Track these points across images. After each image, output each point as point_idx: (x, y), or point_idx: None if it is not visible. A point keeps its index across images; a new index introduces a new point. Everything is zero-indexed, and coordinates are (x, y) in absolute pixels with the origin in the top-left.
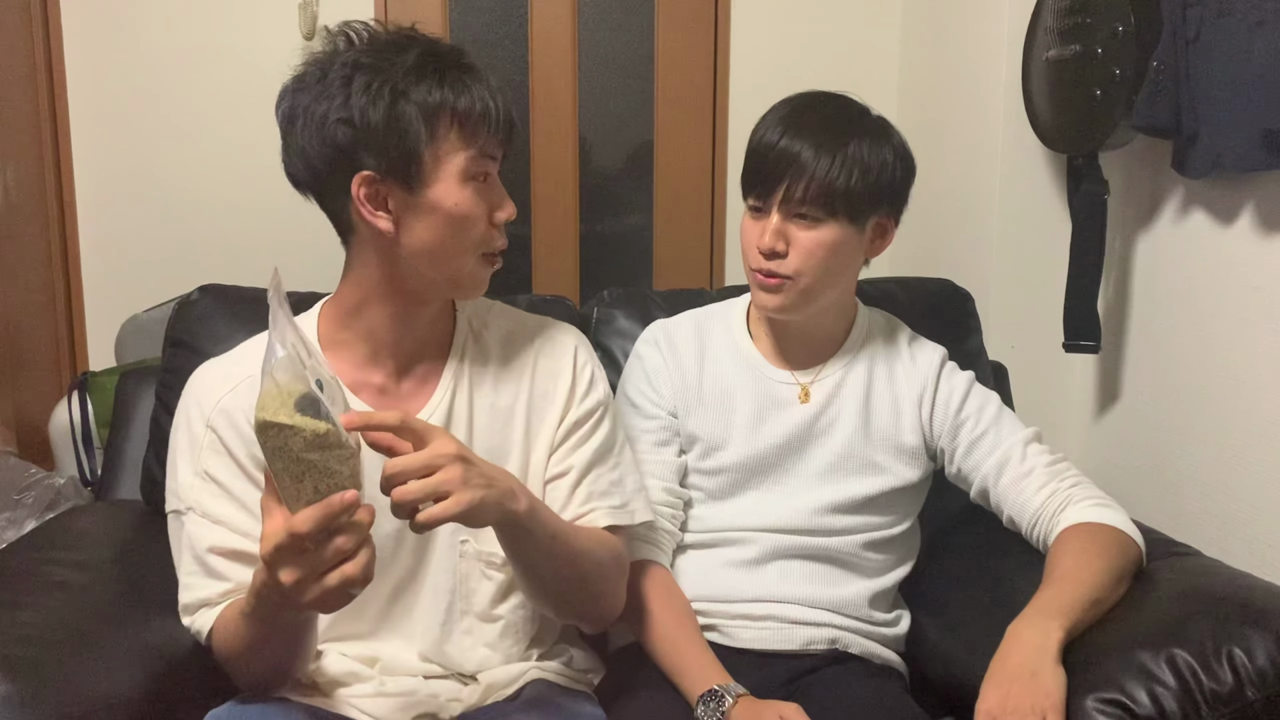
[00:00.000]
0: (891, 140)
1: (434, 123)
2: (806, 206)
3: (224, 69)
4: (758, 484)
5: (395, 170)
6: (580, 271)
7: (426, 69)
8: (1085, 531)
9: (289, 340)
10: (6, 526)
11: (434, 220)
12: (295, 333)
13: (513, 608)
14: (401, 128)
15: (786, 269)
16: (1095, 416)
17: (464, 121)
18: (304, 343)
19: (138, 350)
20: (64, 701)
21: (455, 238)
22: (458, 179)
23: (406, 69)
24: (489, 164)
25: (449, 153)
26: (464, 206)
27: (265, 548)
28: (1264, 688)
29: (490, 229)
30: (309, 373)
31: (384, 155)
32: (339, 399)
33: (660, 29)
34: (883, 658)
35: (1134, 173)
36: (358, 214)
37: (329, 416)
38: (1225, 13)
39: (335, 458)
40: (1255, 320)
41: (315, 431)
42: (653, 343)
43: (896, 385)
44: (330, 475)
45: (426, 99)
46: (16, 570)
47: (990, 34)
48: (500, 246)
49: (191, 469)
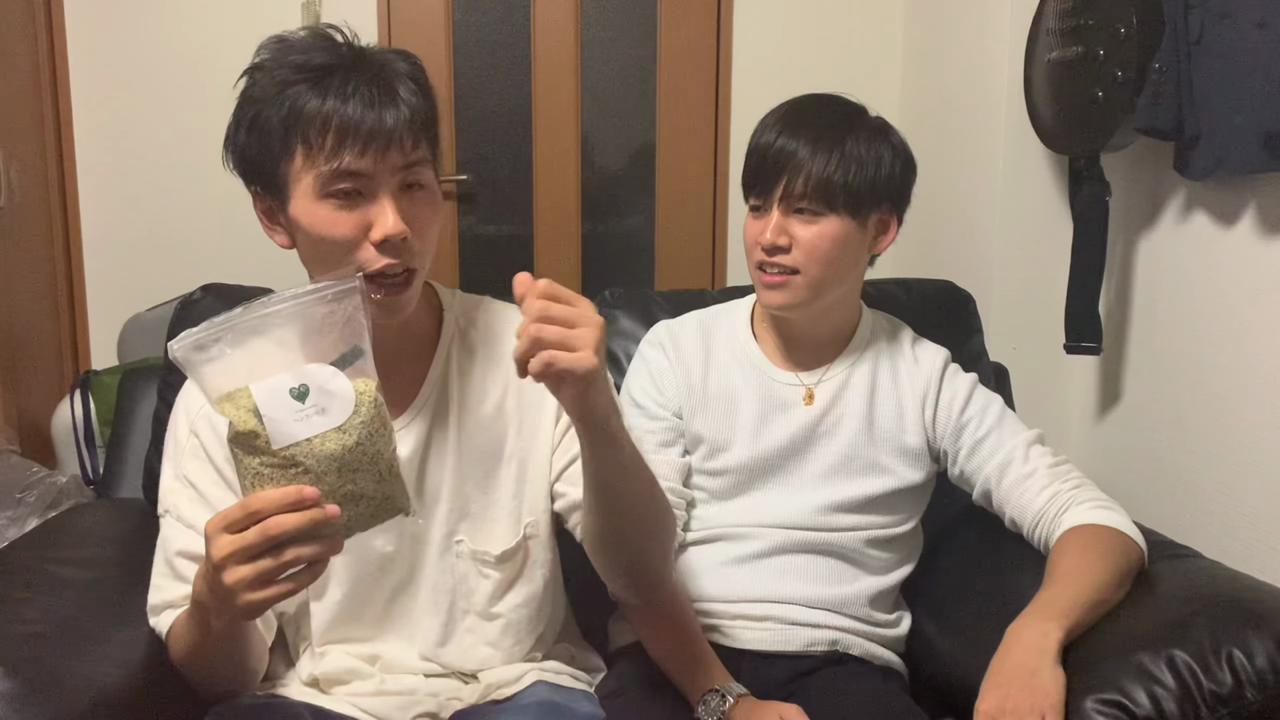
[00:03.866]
0: (889, 138)
1: (288, 137)
2: (806, 201)
3: (227, 67)
4: (762, 484)
5: (266, 185)
6: (582, 271)
7: (300, 83)
8: (1087, 533)
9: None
10: (9, 525)
11: (303, 238)
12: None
13: (513, 606)
14: (259, 139)
15: (790, 263)
16: (1096, 418)
17: (310, 134)
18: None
19: (140, 349)
20: (66, 699)
21: (319, 259)
22: (312, 196)
23: (280, 82)
24: (351, 180)
25: (301, 169)
26: (319, 226)
27: (212, 523)
28: (1263, 689)
29: (362, 248)
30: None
31: (253, 170)
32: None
33: (662, 30)
34: (883, 659)
35: (1136, 174)
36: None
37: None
38: (1227, 15)
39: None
40: (1257, 322)
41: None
42: (657, 344)
43: (900, 387)
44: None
45: (287, 112)
46: (19, 568)
47: (992, 35)
48: (379, 267)
49: (173, 473)
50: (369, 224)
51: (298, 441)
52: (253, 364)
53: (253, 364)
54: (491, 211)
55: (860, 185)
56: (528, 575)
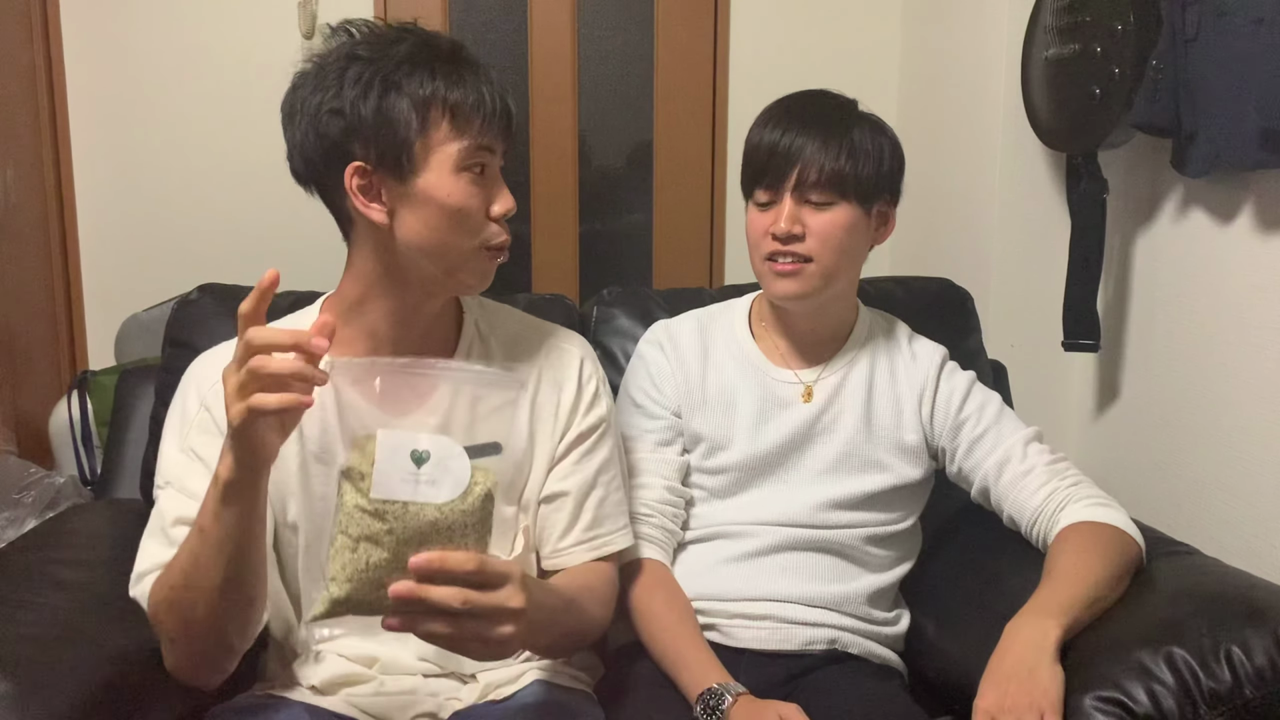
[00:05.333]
0: (885, 130)
1: (425, 113)
2: (819, 191)
3: (224, 67)
4: (760, 482)
5: (386, 161)
6: (580, 270)
7: (419, 60)
8: (1085, 530)
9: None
10: (6, 525)
11: (427, 212)
12: None
13: None
14: (392, 118)
15: (804, 251)
16: (1094, 415)
17: (456, 112)
18: None
19: (137, 349)
20: (63, 699)
21: (450, 230)
22: (450, 170)
23: (399, 60)
24: (485, 156)
25: (440, 143)
26: (456, 197)
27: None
28: (1262, 686)
29: (487, 222)
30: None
31: (375, 145)
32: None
33: (660, 27)
34: (881, 657)
35: (1133, 171)
36: (353, 206)
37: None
38: (1224, 12)
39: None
40: (1255, 318)
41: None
42: (656, 343)
43: (898, 384)
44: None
45: (418, 90)
46: (16, 569)
47: (990, 33)
48: (500, 241)
49: (178, 446)
50: (493, 201)
51: (394, 500)
52: (395, 411)
53: (395, 411)
54: None
55: (867, 175)
56: None
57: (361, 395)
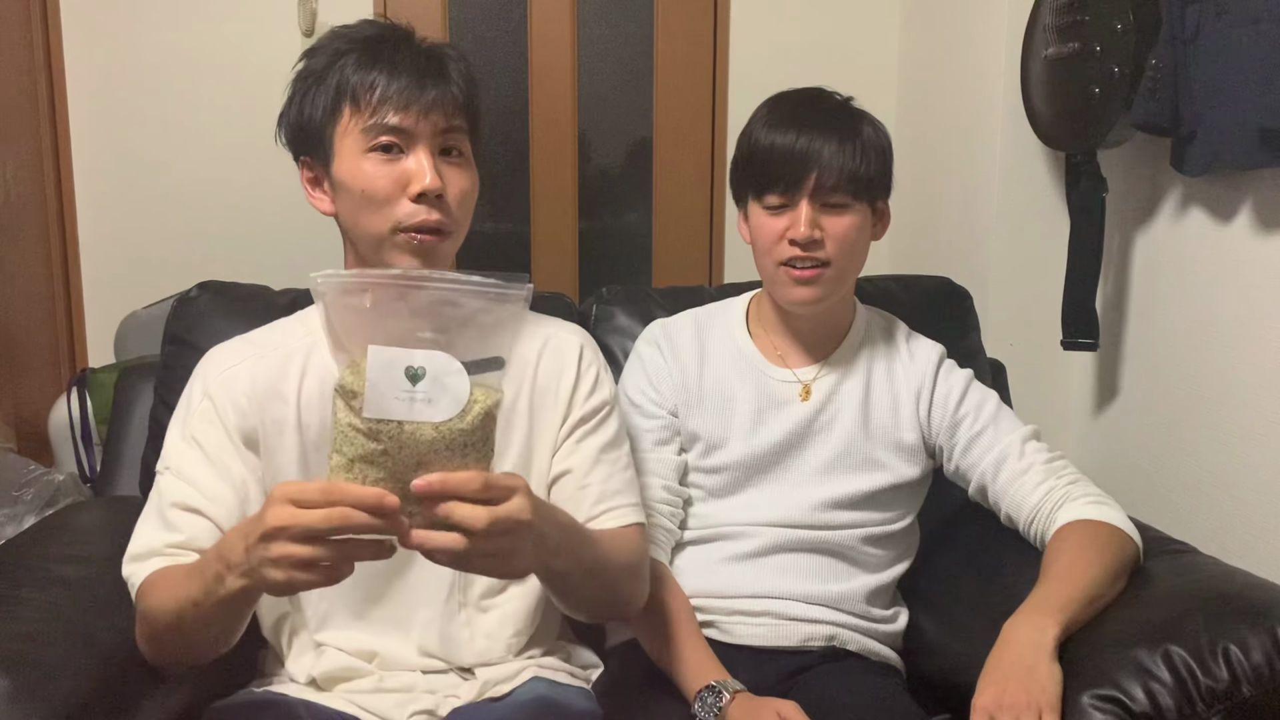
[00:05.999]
0: (880, 125)
1: (335, 100)
2: (838, 195)
3: (224, 65)
4: (758, 481)
5: (313, 151)
6: (579, 269)
7: (345, 52)
8: (1082, 528)
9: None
10: (6, 522)
11: (346, 196)
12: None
13: (510, 598)
14: (310, 111)
15: (824, 255)
16: (1093, 414)
17: (356, 94)
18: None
19: (137, 347)
20: (62, 697)
21: (362, 212)
22: (358, 152)
23: (331, 55)
24: (395, 135)
25: (346, 128)
26: (360, 179)
27: (282, 487)
28: (1259, 684)
29: (400, 202)
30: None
31: (304, 139)
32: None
33: (659, 26)
34: (880, 655)
35: (1132, 170)
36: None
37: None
38: (1223, 11)
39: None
40: (1253, 317)
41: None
42: (653, 342)
43: (895, 382)
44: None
45: (331, 80)
46: (16, 566)
47: (989, 32)
48: (417, 221)
49: (180, 434)
50: (408, 180)
51: (389, 420)
52: (385, 328)
53: (385, 328)
54: (488, 209)
55: (877, 174)
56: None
57: (351, 310)
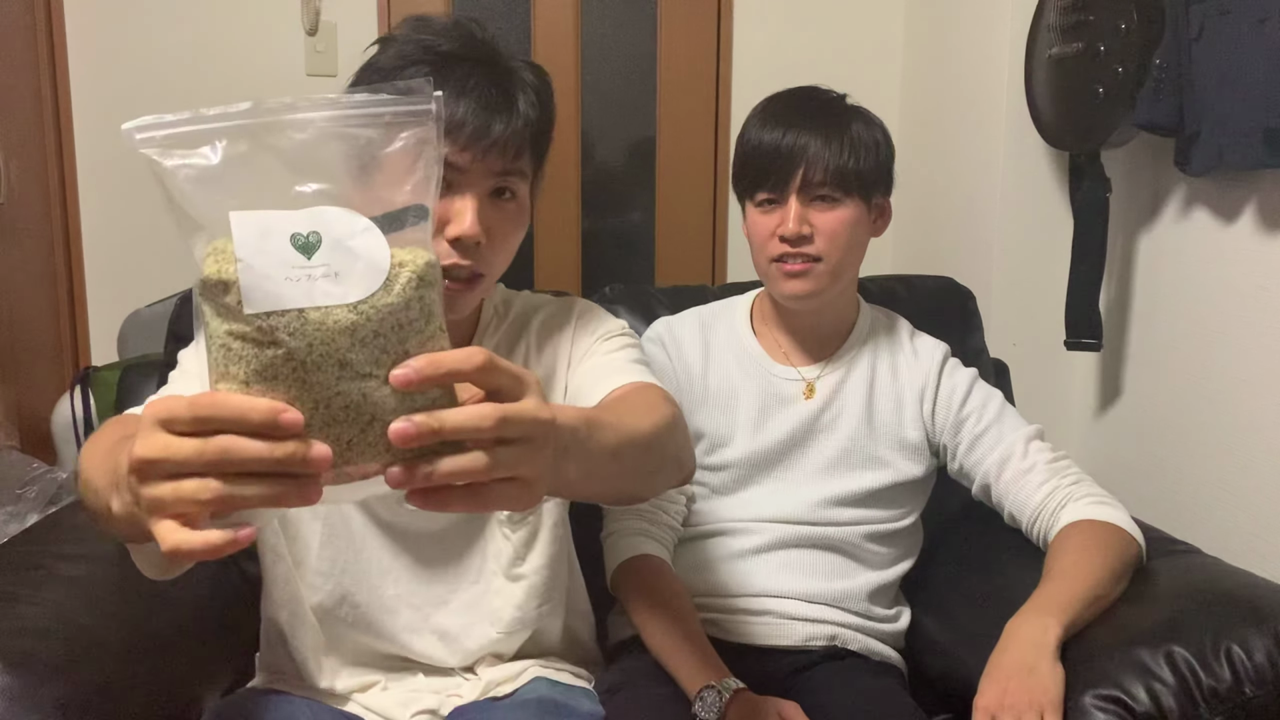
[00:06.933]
0: (876, 121)
1: None
2: (826, 189)
3: (227, 62)
4: (762, 479)
5: None
6: (582, 267)
7: (421, 65)
8: (1085, 529)
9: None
10: (9, 520)
11: None
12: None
13: (535, 568)
14: None
15: (813, 251)
16: (1096, 414)
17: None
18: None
19: (140, 345)
20: (63, 695)
21: None
22: None
23: (402, 58)
24: (448, 172)
25: None
26: None
27: (152, 403)
28: (1262, 685)
29: (439, 242)
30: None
31: None
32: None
33: (663, 25)
34: (881, 654)
35: (1136, 170)
36: None
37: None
38: (1227, 11)
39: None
40: (1257, 317)
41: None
42: (657, 341)
43: (899, 381)
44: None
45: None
46: (19, 564)
47: (993, 32)
48: (445, 264)
49: (175, 374)
50: (448, 220)
51: (284, 310)
52: (251, 189)
53: (251, 189)
54: None
55: (868, 169)
56: (546, 535)
57: (195, 171)
